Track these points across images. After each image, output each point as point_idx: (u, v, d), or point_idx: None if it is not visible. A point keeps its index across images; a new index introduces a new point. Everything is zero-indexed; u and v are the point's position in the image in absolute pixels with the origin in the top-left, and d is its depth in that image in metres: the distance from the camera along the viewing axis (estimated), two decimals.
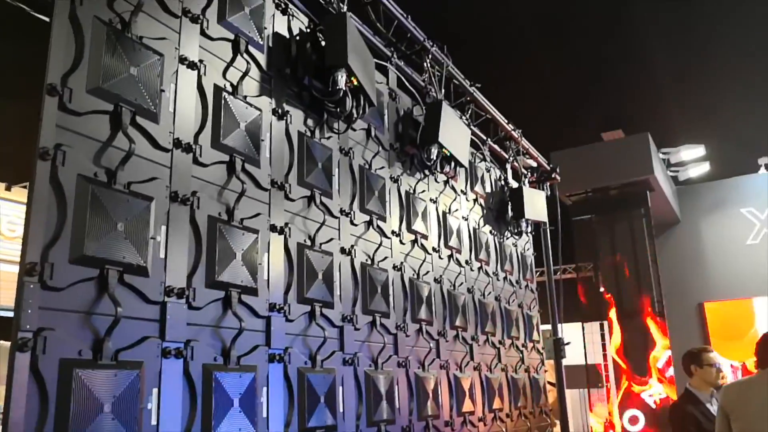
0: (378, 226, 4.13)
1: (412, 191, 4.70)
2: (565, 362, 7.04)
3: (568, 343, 7.00)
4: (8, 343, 1.95)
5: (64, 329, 2.05)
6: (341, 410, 3.36)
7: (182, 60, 2.81)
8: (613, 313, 10.65)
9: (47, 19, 2.33)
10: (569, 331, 7.39)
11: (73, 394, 2.00)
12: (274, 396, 2.92)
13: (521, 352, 6.19)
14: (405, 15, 4.84)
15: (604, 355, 10.63)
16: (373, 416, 3.62)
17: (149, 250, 2.42)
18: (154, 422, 2.30)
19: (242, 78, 3.14)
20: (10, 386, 1.86)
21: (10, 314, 1.99)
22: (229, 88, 3.06)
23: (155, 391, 2.32)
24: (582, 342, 10.99)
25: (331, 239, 3.60)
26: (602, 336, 11.83)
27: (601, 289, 11.01)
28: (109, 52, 2.43)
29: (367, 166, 4.15)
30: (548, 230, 7.53)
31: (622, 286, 10.81)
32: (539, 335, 6.85)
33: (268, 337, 2.99)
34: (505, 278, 6.23)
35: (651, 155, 10.46)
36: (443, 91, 5.26)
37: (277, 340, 3.03)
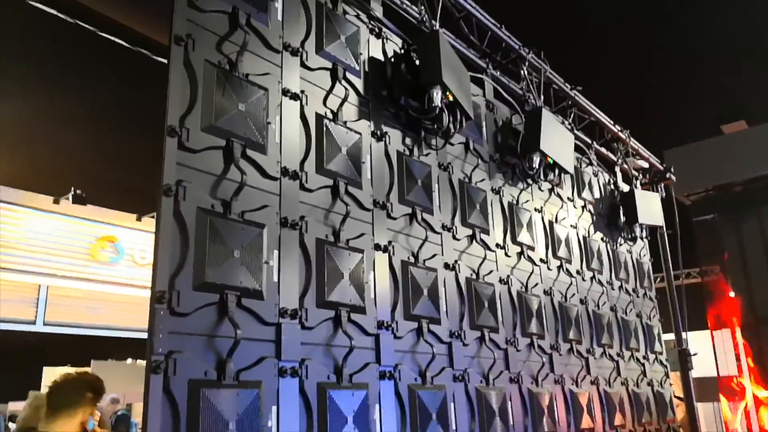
0: (481, 239, 4.10)
1: (515, 202, 4.63)
2: (693, 374, 6.56)
3: (695, 354, 6.52)
4: (141, 362, 2.14)
5: (191, 352, 2.22)
6: (453, 427, 3.35)
7: (285, 92, 2.97)
8: (746, 320, 9.80)
9: (165, 61, 2.56)
10: (697, 341, 6.89)
11: (201, 413, 2.15)
12: (386, 413, 2.97)
13: (642, 364, 5.86)
14: (498, 25, 4.80)
15: (738, 366, 9.77)
16: None
17: (263, 274, 2.56)
18: None
19: (341, 104, 3.26)
20: (147, 405, 2.03)
21: (144, 335, 2.18)
22: (330, 115, 3.19)
23: (274, 408, 2.44)
24: (712, 351, 10.19)
25: (435, 255, 3.62)
26: (735, 345, 10.90)
27: (732, 294, 10.18)
28: (219, 92, 2.62)
29: (467, 180, 4.14)
30: (666, 234, 7.09)
31: (756, 289, 9.93)
32: (662, 346, 6.45)
33: (378, 354, 3.05)
34: (620, 287, 5.94)
35: None
36: (542, 97, 5.15)
37: (387, 357, 3.08)
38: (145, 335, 2.17)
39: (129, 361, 9.73)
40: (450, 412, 3.35)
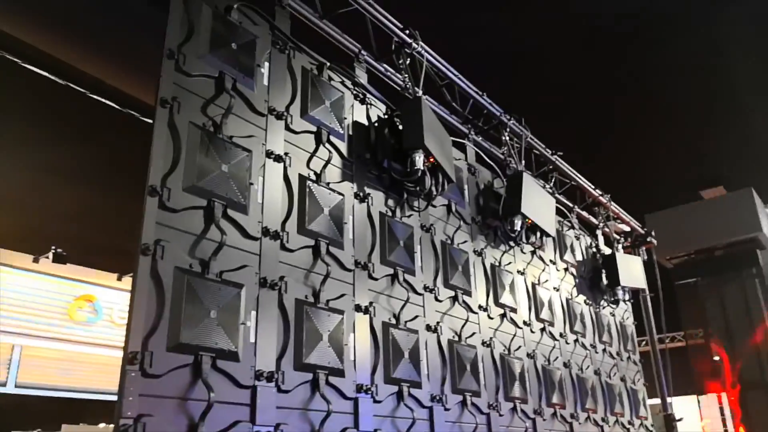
0: (464, 301, 4.09)
1: (497, 264, 4.65)
2: None
3: (680, 419, 6.43)
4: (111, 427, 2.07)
5: (161, 415, 2.16)
6: None
7: (269, 154, 3.02)
8: (731, 384, 9.73)
9: (150, 121, 2.60)
10: (682, 405, 6.81)
11: None
12: None
13: (627, 429, 5.75)
14: (480, 93, 4.96)
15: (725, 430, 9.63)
16: None
17: (240, 335, 2.53)
18: None
19: (325, 166, 3.31)
20: None
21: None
22: (313, 177, 3.23)
23: None
24: (698, 416, 10.06)
25: (416, 317, 3.60)
26: (721, 409, 10.78)
27: (716, 358, 10.14)
28: (202, 153, 2.66)
29: (449, 241, 4.17)
30: (648, 297, 7.12)
31: (741, 353, 9.91)
32: (647, 411, 6.35)
33: (357, 419, 2.99)
34: (604, 350, 5.91)
35: (757, 211, 9.82)
36: (523, 161, 5.27)
37: (366, 423, 3.02)
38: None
39: (102, 425, 9.37)
40: None
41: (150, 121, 2.65)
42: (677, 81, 7.53)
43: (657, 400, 6.66)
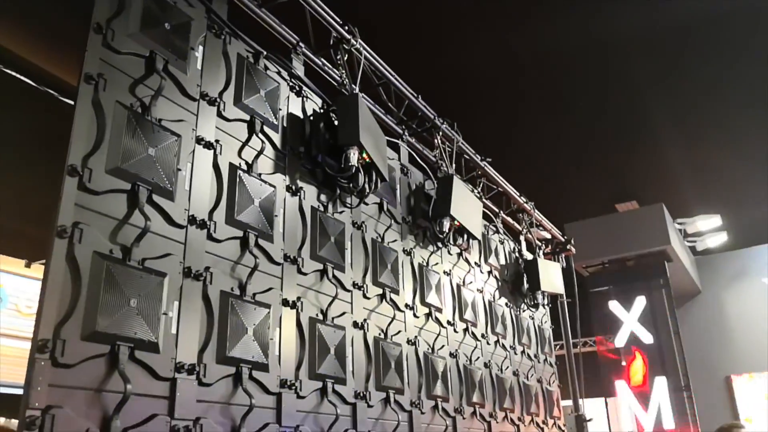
0: (391, 299, 4.12)
1: (425, 264, 4.71)
2: None
3: (590, 420, 6.74)
4: (16, 422, 1.93)
5: (72, 407, 2.04)
6: None
7: (199, 140, 2.92)
8: (635, 387, 10.31)
9: (72, 103, 2.46)
10: (592, 407, 7.14)
11: None
12: None
13: (542, 429, 5.96)
14: (415, 95, 5.01)
15: None
16: None
17: (161, 325, 2.43)
18: None
19: (257, 156, 3.24)
20: None
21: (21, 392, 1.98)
22: (244, 166, 3.15)
23: None
24: (606, 418, 10.58)
25: (344, 313, 3.59)
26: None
27: (623, 363, 10.69)
28: (128, 134, 2.53)
29: (379, 240, 4.19)
30: (565, 302, 7.42)
31: (646, 358, 10.50)
32: (560, 411, 6.61)
33: (279, 414, 2.94)
34: (522, 352, 6.10)
35: (667, 225, 10.42)
36: (454, 165, 5.36)
37: (288, 418, 2.97)
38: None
39: (2, 420, 8.79)
40: None
41: (69, 101, 2.51)
42: (598, 105, 7.99)
43: (570, 402, 6.94)
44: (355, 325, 3.69)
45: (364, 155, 3.73)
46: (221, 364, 2.68)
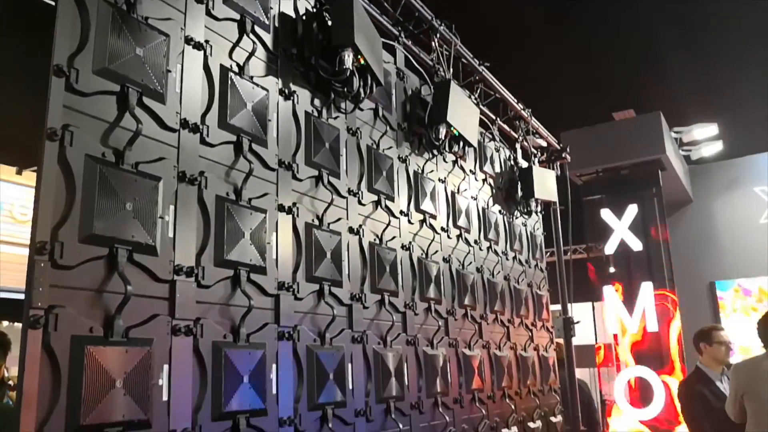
0: (386, 206, 4.14)
1: (420, 171, 4.70)
2: (575, 341, 7.05)
3: (578, 322, 7.01)
4: (20, 325, 1.98)
5: (74, 307, 2.08)
6: (350, 387, 3.40)
7: (188, 40, 2.81)
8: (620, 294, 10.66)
9: (53, 3, 2.34)
10: (580, 311, 7.40)
11: (85, 370, 2.04)
12: (283, 373, 2.96)
13: (530, 330, 6.21)
14: None
15: (615, 335, 10.61)
16: (382, 393, 3.66)
17: (158, 229, 2.44)
18: (165, 398, 2.34)
19: (248, 58, 3.14)
20: (23, 363, 1.90)
21: (22, 296, 2.02)
22: (236, 69, 3.06)
23: (166, 367, 2.36)
24: (592, 322, 11.00)
25: (339, 219, 3.62)
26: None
27: (612, 270, 10.97)
28: (114, 33, 2.43)
29: (374, 146, 4.15)
30: (558, 210, 7.50)
31: (634, 266, 10.76)
32: (549, 314, 6.86)
33: (278, 315, 3.03)
34: (514, 258, 6.23)
35: (663, 134, 10.36)
36: (452, 70, 5.23)
37: (286, 318, 3.06)
38: (23, 296, 2.01)
39: (5, 323, 9.08)
40: (348, 373, 3.39)
41: (51, 2, 2.38)
42: (598, 15, 7.72)
43: (559, 306, 7.18)
44: (351, 230, 3.73)
45: (359, 58, 3.62)
46: (219, 266, 2.73)
